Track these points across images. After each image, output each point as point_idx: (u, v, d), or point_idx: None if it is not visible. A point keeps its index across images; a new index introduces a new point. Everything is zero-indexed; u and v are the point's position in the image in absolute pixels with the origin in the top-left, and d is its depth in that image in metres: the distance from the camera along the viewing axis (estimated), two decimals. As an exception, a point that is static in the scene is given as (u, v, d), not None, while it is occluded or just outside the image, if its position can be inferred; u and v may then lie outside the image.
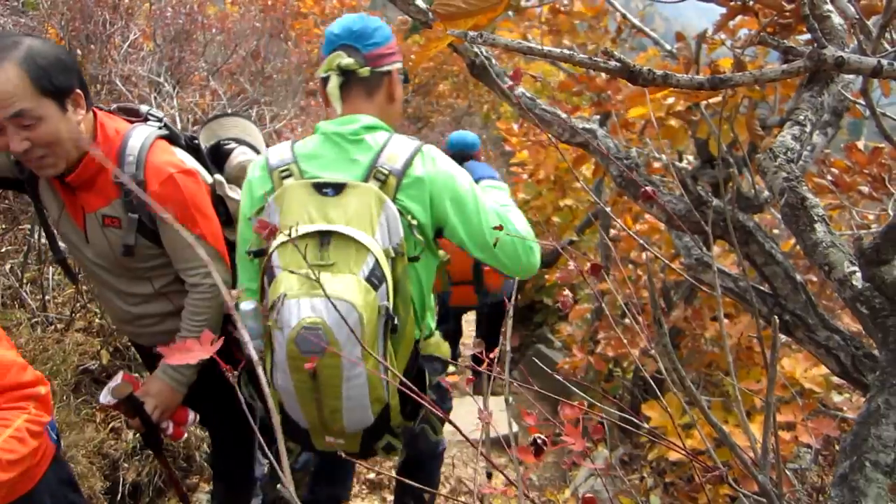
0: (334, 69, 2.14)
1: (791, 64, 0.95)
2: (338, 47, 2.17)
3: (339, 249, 1.89)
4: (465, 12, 1.20)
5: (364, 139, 2.07)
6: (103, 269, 2.27)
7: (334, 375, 1.89)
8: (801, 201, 1.23)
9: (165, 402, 2.27)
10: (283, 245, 1.89)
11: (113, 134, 2.11)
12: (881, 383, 1.03)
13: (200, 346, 1.05)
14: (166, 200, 2.09)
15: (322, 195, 1.97)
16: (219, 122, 2.67)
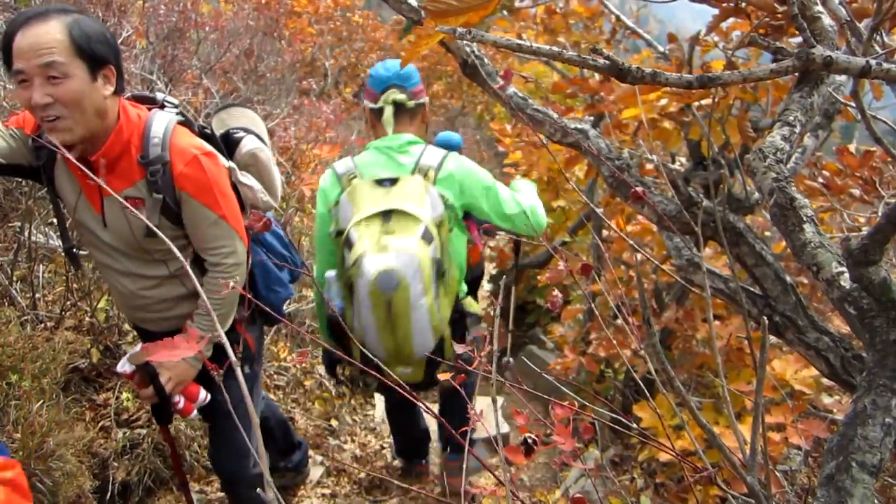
0: (390, 102, 2.97)
1: (780, 63, 0.95)
2: (389, 86, 2.98)
3: (398, 221, 2.72)
4: (455, 9, 1.20)
5: (408, 149, 2.93)
6: (119, 252, 2.31)
7: (404, 305, 2.68)
8: (791, 202, 1.23)
9: (180, 376, 2.36)
10: (356, 224, 2.74)
11: (136, 118, 2.17)
12: (868, 384, 1.04)
13: (186, 342, 1.05)
14: (191, 181, 2.17)
15: (382, 188, 2.82)
16: (228, 111, 2.73)
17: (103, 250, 2.33)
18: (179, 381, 2.37)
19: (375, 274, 2.63)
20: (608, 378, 4.67)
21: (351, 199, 2.82)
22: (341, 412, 4.55)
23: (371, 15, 12.06)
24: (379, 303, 2.67)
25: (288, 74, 6.58)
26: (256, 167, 2.51)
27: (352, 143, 7.97)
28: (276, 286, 2.69)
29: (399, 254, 2.64)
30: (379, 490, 3.87)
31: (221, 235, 2.28)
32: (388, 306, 2.67)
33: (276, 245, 2.77)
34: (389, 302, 2.66)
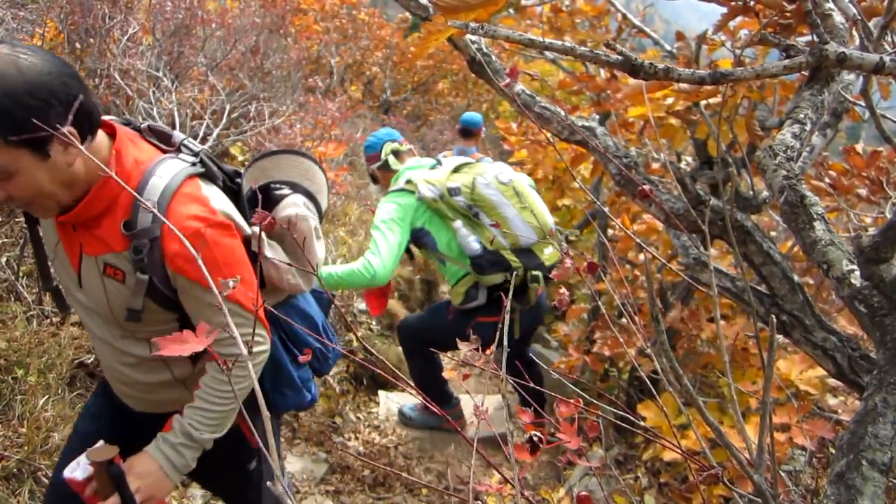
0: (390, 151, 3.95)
1: (793, 59, 0.95)
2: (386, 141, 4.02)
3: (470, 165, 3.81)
4: (465, 6, 1.20)
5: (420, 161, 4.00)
6: (96, 317, 1.86)
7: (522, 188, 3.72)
8: (801, 199, 1.23)
9: (151, 489, 1.79)
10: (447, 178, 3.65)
11: (131, 165, 1.70)
12: (879, 382, 1.03)
13: (196, 337, 1.04)
14: (190, 262, 1.69)
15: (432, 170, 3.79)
16: (275, 160, 2.19)
17: (81, 309, 1.89)
18: (150, 497, 1.78)
19: (495, 177, 3.60)
20: (612, 377, 4.67)
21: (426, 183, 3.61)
22: (345, 409, 4.55)
23: (377, 13, 12.05)
24: (508, 191, 3.57)
25: (294, 72, 6.58)
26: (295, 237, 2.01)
27: (357, 140, 7.98)
28: (287, 388, 2.16)
29: (493, 164, 3.79)
30: (383, 487, 3.88)
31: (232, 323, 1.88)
32: (516, 192, 3.60)
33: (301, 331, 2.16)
34: (515, 189, 3.60)
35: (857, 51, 0.91)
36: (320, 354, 2.25)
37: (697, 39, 2.67)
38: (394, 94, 12.89)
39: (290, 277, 1.99)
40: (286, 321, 2.07)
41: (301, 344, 2.15)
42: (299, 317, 2.19)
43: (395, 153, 3.94)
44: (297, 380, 2.15)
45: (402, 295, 6.25)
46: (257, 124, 5.19)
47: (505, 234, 3.57)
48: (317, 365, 2.26)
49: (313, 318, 2.23)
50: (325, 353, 2.26)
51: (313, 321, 2.22)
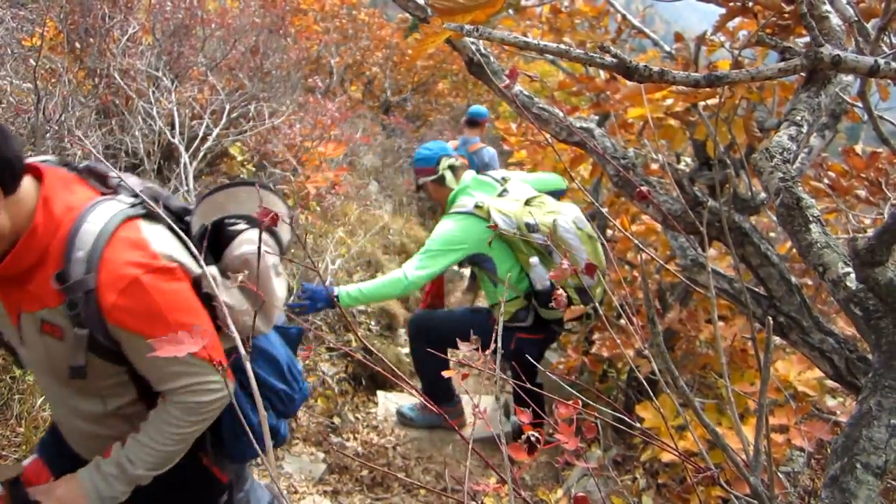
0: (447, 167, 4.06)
1: (788, 62, 0.95)
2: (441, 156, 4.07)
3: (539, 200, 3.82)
4: (462, 7, 1.20)
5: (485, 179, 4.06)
6: (42, 375, 1.77)
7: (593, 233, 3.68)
8: (797, 202, 1.23)
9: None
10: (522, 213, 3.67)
11: (62, 212, 1.57)
12: (873, 385, 1.03)
13: (191, 338, 1.04)
14: (130, 314, 1.57)
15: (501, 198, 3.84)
16: (231, 193, 1.96)
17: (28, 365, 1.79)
18: None
19: (574, 222, 3.65)
20: (611, 378, 4.67)
21: (500, 213, 3.64)
22: (344, 410, 4.55)
23: (377, 13, 12.06)
24: (583, 236, 3.65)
25: (293, 72, 6.59)
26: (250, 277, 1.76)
27: (356, 141, 7.98)
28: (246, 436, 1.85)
29: (567, 207, 3.78)
30: (381, 487, 3.87)
31: (184, 373, 1.67)
32: (588, 236, 3.68)
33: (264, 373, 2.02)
34: (587, 233, 3.67)
35: (852, 53, 0.91)
36: (285, 396, 2.06)
37: (696, 40, 2.67)
38: (394, 95, 12.90)
39: (247, 319, 1.81)
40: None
41: (264, 389, 1.99)
42: (262, 359, 2.02)
43: (452, 168, 4.04)
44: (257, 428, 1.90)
45: (401, 295, 6.24)
46: (257, 124, 5.19)
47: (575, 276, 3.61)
48: (281, 407, 2.07)
49: (277, 360, 2.05)
50: (291, 395, 2.08)
51: (277, 363, 2.05)
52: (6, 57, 4.11)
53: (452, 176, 4.02)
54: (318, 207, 5.95)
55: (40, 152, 3.49)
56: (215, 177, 4.84)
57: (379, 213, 7.71)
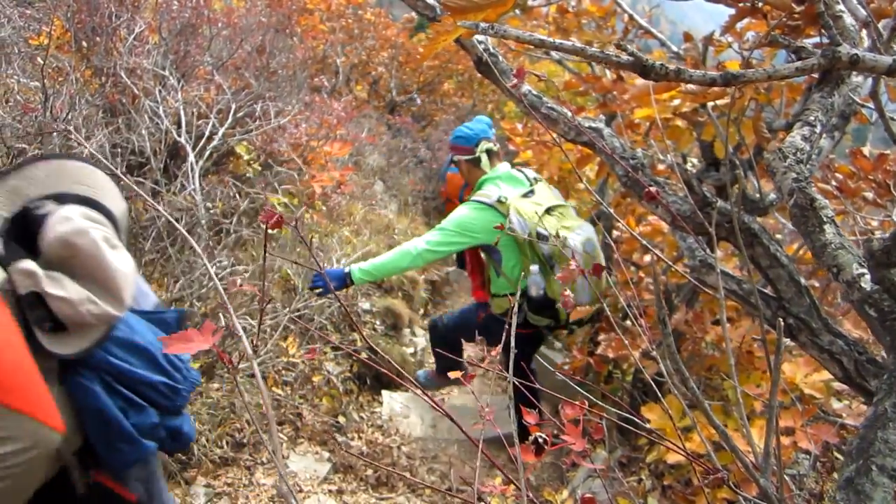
0: (485, 150, 4.03)
1: (805, 61, 0.94)
2: (482, 138, 4.04)
3: (561, 211, 3.88)
4: (474, 6, 1.19)
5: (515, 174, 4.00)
6: None
7: (599, 257, 3.82)
8: (811, 202, 1.22)
9: None
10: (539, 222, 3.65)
11: None
12: (889, 387, 1.02)
13: (201, 335, 1.04)
14: None
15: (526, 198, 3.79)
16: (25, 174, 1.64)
17: None
18: None
19: (583, 244, 3.68)
20: (616, 379, 4.66)
21: (519, 214, 3.71)
22: (349, 409, 4.54)
23: (383, 13, 12.05)
24: (588, 261, 3.64)
25: (299, 71, 6.58)
26: (79, 259, 1.56)
27: (362, 141, 7.98)
28: (122, 443, 1.71)
29: (583, 228, 3.79)
30: (386, 487, 3.87)
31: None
32: (592, 259, 3.72)
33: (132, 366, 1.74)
34: (594, 256, 3.74)
35: (870, 53, 0.90)
36: (165, 388, 1.79)
37: (704, 41, 2.66)
38: (399, 94, 12.90)
39: (92, 307, 1.56)
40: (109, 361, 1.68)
41: (136, 384, 1.73)
42: (126, 351, 1.74)
43: (489, 153, 4.05)
44: (132, 433, 1.71)
45: (405, 295, 6.25)
46: (263, 123, 5.18)
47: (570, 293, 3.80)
48: (164, 401, 1.80)
49: (146, 349, 1.78)
50: (173, 386, 1.82)
51: (146, 352, 1.77)
52: (13, 56, 4.11)
53: (488, 160, 4.04)
54: (323, 207, 5.95)
55: (47, 151, 3.50)
56: (221, 175, 4.83)
57: (384, 213, 7.70)
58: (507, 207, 3.73)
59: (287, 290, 4.82)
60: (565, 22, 4.92)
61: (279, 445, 0.98)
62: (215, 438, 3.53)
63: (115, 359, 1.69)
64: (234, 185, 4.79)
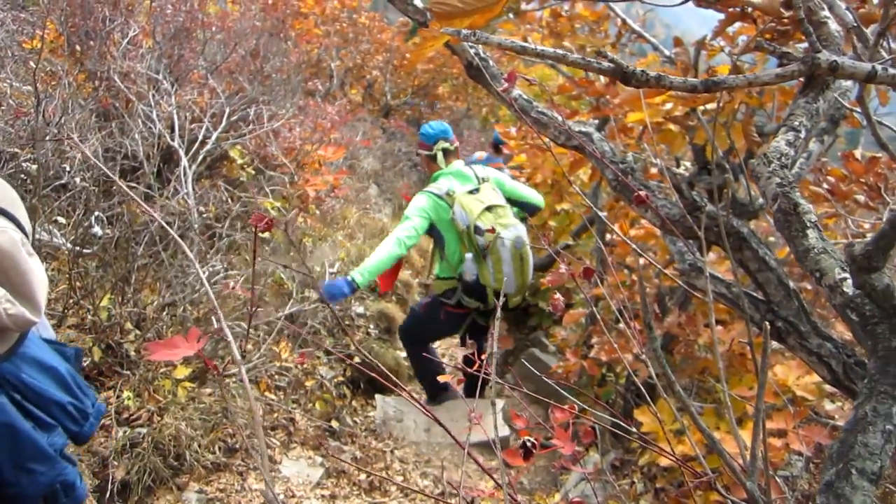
0: (441, 149, 4.56)
1: (785, 68, 0.95)
2: (439, 138, 4.57)
3: (500, 210, 4.37)
4: (461, 11, 1.19)
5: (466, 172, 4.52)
6: None
7: (527, 255, 4.33)
8: (794, 207, 1.23)
9: None
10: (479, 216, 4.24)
11: None
12: (869, 391, 1.03)
13: (186, 342, 1.04)
14: None
15: (473, 195, 4.36)
16: None
17: None
18: None
19: (512, 241, 4.27)
20: (609, 382, 4.67)
21: (462, 207, 4.30)
22: (342, 413, 4.54)
23: (377, 17, 12.06)
24: (517, 256, 4.29)
25: (293, 75, 6.59)
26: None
27: (356, 144, 7.97)
28: (36, 463, 1.62)
29: (515, 227, 4.34)
30: (379, 491, 3.87)
31: None
32: (521, 258, 4.32)
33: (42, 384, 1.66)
34: (521, 255, 4.31)
35: (849, 59, 0.91)
36: (75, 410, 1.72)
37: (696, 45, 2.67)
38: (394, 98, 12.90)
39: (8, 306, 1.51)
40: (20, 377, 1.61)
41: (46, 402, 1.65)
42: (36, 369, 1.66)
43: (444, 151, 4.61)
44: (47, 449, 1.63)
45: (399, 299, 6.25)
46: (256, 128, 5.18)
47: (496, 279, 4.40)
48: (72, 426, 1.72)
49: (55, 368, 1.71)
50: (82, 409, 1.74)
51: (55, 372, 1.71)
52: (6, 59, 4.11)
53: (443, 158, 4.59)
54: (317, 211, 5.95)
55: (40, 155, 3.49)
56: (214, 180, 4.84)
57: (378, 217, 7.70)
58: (452, 200, 4.36)
59: (281, 294, 4.81)
60: (559, 26, 4.93)
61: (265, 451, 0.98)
62: (207, 444, 3.52)
63: (26, 375, 1.62)
64: (227, 190, 4.79)
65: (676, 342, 3.88)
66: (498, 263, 4.31)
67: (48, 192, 3.61)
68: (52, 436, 1.66)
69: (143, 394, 3.41)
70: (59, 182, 3.72)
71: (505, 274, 4.30)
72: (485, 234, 4.22)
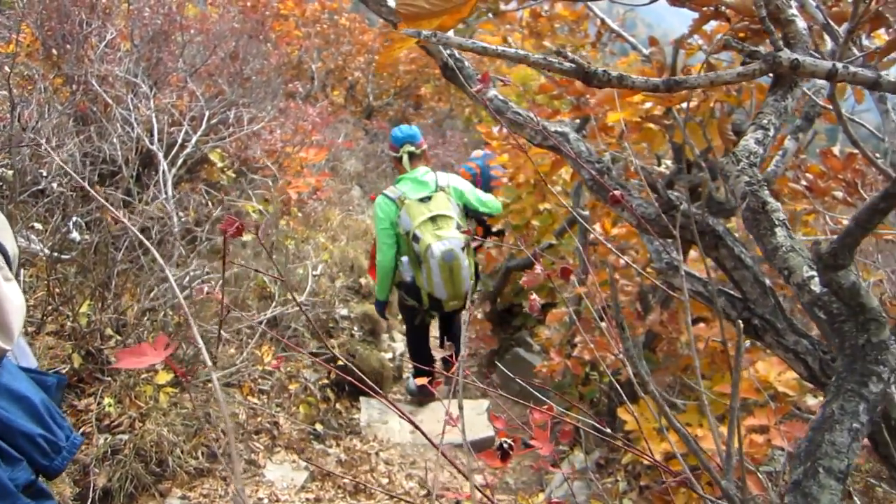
0: (406, 152, 4.84)
1: (747, 66, 0.95)
2: (405, 142, 4.87)
3: (442, 221, 4.61)
4: (428, 13, 1.19)
5: (426, 177, 4.77)
6: None
7: (458, 267, 4.57)
8: (762, 205, 1.23)
9: None
10: (417, 226, 4.55)
11: None
12: (836, 389, 1.03)
13: (154, 350, 1.02)
14: None
15: (423, 203, 4.65)
16: None
17: None
18: None
19: (442, 254, 4.55)
20: (593, 381, 4.67)
21: (407, 213, 4.63)
22: (327, 416, 4.53)
23: (359, 18, 12.04)
24: (445, 268, 4.59)
25: (274, 77, 6.56)
26: None
27: (339, 146, 7.95)
28: None
29: (449, 240, 4.57)
30: (364, 494, 3.86)
31: None
32: (450, 269, 4.60)
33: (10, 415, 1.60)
34: (451, 267, 4.59)
35: (810, 57, 0.91)
36: (46, 443, 1.65)
37: (674, 44, 2.68)
38: (376, 99, 12.88)
39: None
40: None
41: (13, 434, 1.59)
42: (6, 399, 1.60)
43: (410, 155, 4.88)
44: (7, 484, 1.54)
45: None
46: (237, 130, 5.16)
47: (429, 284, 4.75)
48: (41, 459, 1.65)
49: (27, 397, 1.64)
50: (55, 442, 1.67)
51: (27, 402, 1.64)
52: (-19, 64, 4.07)
53: (408, 161, 4.86)
54: (299, 213, 5.93)
55: (16, 161, 3.46)
56: (195, 183, 4.81)
57: (361, 219, 7.69)
58: (402, 204, 4.68)
59: (263, 297, 4.79)
60: (539, 26, 4.93)
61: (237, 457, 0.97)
62: (190, 449, 3.50)
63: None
64: (208, 193, 4.76)
65: (659, 340, 3.88)
66: (429, 271, 4.65)
67: (25, 197, 3.58)
68: (14, 470, 1.58)
69: (125, 400, 3.39)
70: (37, 187, 3.69)
71: (434, 283, 4.67)
72: (420, 242, 4.60)
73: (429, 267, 4.60)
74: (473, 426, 4.48)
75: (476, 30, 5.55)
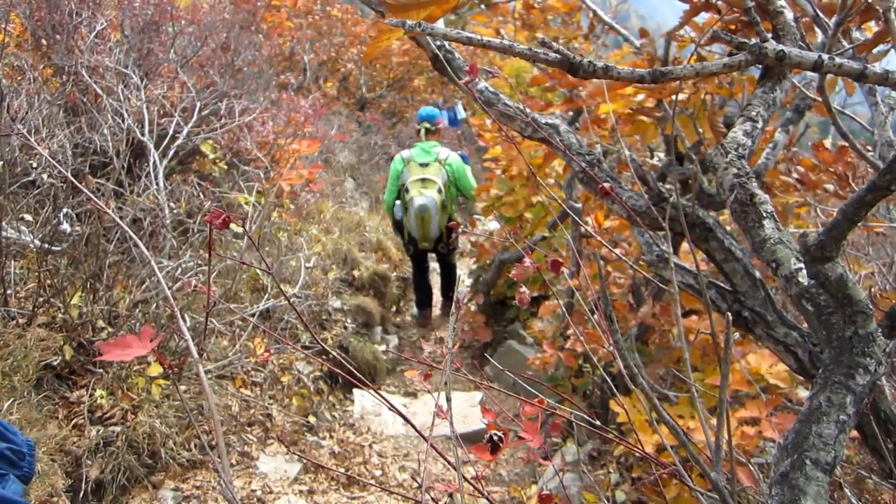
0: (424, 127, 6.38)
1: (733, 57, 0.94)
2: (425, 120, 6.40)
3: (429, 183, 6.15)
4: (416, 3, 1.18)
5: (433, 149, 6.27)
6: None
7: (429, 218, 6.13)
8: (750, 198, 1.23)
9: None
10: (410, 183, 6.15)
11: None
12: (824, 381, 1.03)
13: (140, 342, 1.02)
14: None
15: (422, 167, 6.19)
16: None
17: None
18: None
19: (418, 206, 6.04)
20: (586, 373, 4.68)
21: (408, 170, 6.17)
22: (320, 408, 4.52)
23: (351, 9, 11.97)
24: (419, 216, 6.08)
25: (266, 69, 6.54)
26: None
27: (331, 138, 7.93)
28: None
29: (427, 197, 6.05)
30: (357, 486, 3.86)
31: None
32: (422, 219, 6.09)
33: None
34: (423, 216, 6.08)
35: (796, 49, 0.91)
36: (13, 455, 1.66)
37: (665, 36, 2.67)
38: (369, 91, 12.84)
39: None
40: None
41: None
42: None
43: (426, 130, 6.36)
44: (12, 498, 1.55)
45: (377, 292, 6.24)
46: (228, 122, 5.14)
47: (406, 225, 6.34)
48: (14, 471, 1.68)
49: None
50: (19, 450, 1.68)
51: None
52: (-30, 55, 4.04)
53: (424, 134, 6.37)
54: (291, 205, 5.91)
55: (5, 152, 3.44)
56: (187, 175, 4.78)
57: (355, 211, 7.68)
58: (407, 164, 6.19)
59: (255, 289, 4.78)
60: (531, 17, 4.93)
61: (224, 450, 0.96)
62: (182, 441, 3.50)
63: None
64: (199, 185, 4.74)
65: (651, 332, 3.89)
66: (408, 216, 6.18)
67: (15, 188, 3.56)
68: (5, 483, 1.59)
69: (117, 392, 3.38)
70: (27, 178, 3.67)
71: (412, 225, 6.19)
72: (408, 194, 6.11)
73: (409, 213, 6.13)
74: (467, 418, 4.49)
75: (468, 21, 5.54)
